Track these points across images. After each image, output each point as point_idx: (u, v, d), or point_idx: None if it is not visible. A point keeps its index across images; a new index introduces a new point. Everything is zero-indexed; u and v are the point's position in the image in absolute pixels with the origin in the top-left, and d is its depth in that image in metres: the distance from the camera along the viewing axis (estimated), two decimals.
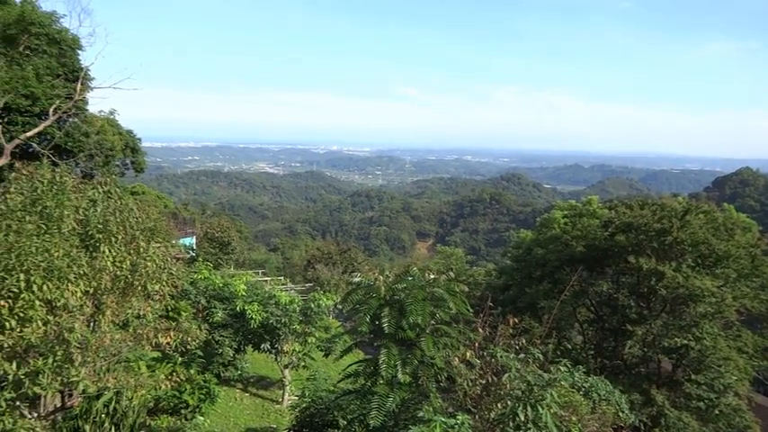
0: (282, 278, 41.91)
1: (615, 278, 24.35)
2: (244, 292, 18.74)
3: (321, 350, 19.14)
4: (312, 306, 18.81)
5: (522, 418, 6.67)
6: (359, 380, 8.67)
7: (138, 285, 9.18)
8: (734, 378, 18.92)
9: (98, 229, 8.81)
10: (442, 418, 6.43)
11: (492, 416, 7.25)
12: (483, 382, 7.78)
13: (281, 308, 18.36)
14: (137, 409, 9.46)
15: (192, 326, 9.96)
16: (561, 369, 8.29)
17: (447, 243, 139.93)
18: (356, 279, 8.83)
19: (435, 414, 6.87)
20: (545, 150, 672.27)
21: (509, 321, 8.55)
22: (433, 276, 8.60)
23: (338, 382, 10.44)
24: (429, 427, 6.40)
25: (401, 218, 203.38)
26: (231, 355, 18.48)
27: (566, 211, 30.01)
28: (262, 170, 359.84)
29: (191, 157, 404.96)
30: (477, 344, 8.24)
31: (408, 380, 7.84)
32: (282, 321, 18.02)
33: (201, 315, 18.21)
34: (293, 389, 19.13)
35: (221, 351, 18.15)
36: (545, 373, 7.47)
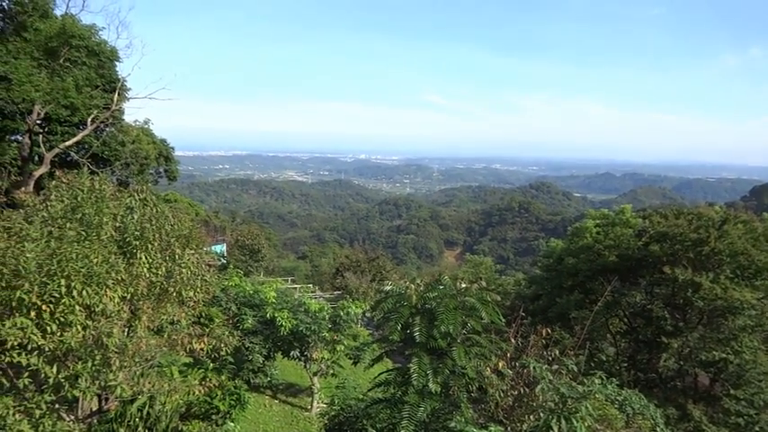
0: (311, 286, 42.11)
1: (649, 289, 23.91)
2: (274, 300, 18.86)
3: (350, 358, 19.15)
4: (341, 314, 18.86)
5: (556, 430, 6.53)
6: (389, 389, 8.61)
7: (173, 292, 9.32)
8: None
9: (135, 236, 8.97)
10: (474, 429, 6.37)
11: (524, 428, 7.16)
12: (515, 393, 7.69)
13: (310, 315, 18.44)
14: (169, 413, 9.62)
15: (225, 332, 10.08)
16: (595, 381, 8.13)
17: (475, 252, 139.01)
18: (387, 287, 8.81)
19: (467, 425, 6.80)
20: (575, 159, 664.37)
21: (541, 332, 8.44)
22: (464, 285, 8.53)
23: (368, 390, 10.41)
24: None
25: (429, 226, 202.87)
26: (261, 362, 18.62)
27: (598, 221, 29.51)
28: (291, 178, 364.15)
29: (221, 166, 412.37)
30: (509, 354, 8.14)
31: (439, 389, 7.78)
32: (312, 329, 18.07)
33: (232, 322, 18.42)
34: (322, 396, 19.15)
35: (251, 358, 18.31)
36: (579, 386, 7.34)
